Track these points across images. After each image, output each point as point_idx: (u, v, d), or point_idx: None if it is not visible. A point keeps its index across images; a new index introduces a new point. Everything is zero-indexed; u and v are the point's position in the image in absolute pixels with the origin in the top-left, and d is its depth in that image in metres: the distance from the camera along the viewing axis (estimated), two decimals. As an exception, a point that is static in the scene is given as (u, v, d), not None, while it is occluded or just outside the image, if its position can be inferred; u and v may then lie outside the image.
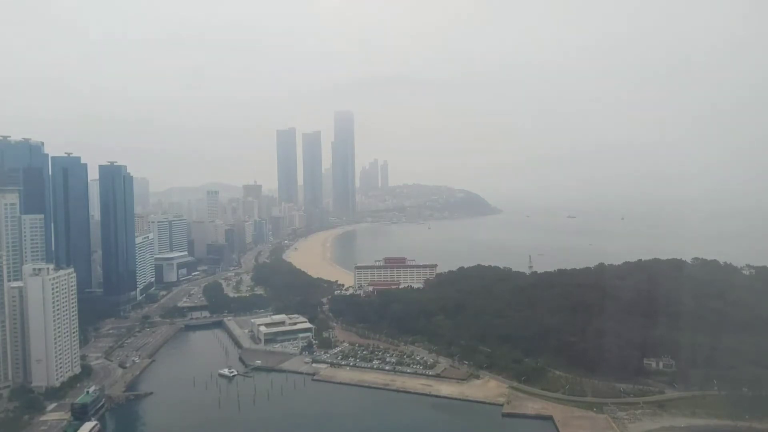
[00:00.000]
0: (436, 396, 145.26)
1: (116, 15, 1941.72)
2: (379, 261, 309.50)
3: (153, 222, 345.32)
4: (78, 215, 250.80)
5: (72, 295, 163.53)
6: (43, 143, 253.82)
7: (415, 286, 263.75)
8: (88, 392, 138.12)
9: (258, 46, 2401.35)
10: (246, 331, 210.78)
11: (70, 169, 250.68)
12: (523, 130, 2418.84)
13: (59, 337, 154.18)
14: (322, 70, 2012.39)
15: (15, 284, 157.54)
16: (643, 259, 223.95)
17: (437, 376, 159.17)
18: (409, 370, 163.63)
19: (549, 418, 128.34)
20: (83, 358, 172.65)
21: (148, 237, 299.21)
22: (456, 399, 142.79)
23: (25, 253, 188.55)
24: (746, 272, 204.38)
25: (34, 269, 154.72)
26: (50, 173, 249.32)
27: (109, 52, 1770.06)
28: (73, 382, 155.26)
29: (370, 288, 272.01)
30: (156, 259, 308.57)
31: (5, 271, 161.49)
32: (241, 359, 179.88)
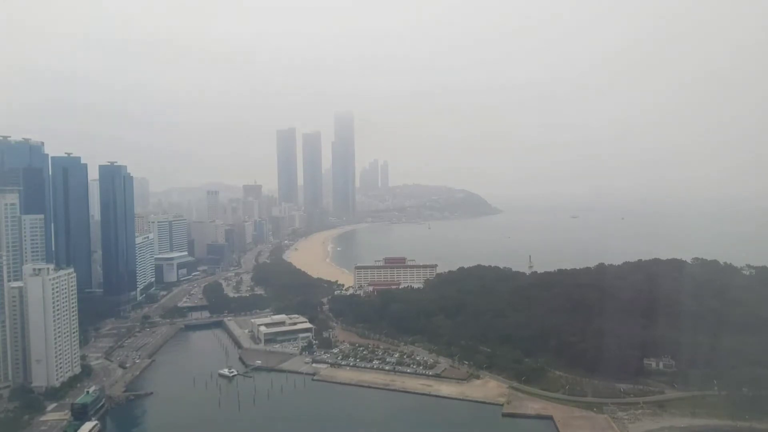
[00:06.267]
0: (436, 396, 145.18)
1: (118, 15, 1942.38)
2: (379, 261, 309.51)
3: (153, 222, 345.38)
4: (78, 215, 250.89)
5: (72, 295, 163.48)
6: (43, 143, 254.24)
7: (415, 286, 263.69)
8: (88, 392, 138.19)
9: (259, 45, 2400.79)
10: (246, 331, 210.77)
11: (70, 169, 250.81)
12: (523, 127, 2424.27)
13: (59, 337, 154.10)
14: (322, 71, 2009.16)
15: (15, 284, 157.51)
16: (643, 259, 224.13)
17: (437, 376, 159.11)
18: (409, 370, 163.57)
19: (549, 418, 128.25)
20: (83, 358, 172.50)
21: (148, 237, 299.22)
22: (456, 399, 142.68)
23: (25, 253, 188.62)
24: (746, 272, 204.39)
25: (34, 269, 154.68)
26: (50, 173, 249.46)
27: (109, 53, 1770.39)
28: (73, 382, 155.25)
29: (370, 288, 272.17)
30: (156, 259, 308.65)
31: (5, 271, 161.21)
32: (241, 359, 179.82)
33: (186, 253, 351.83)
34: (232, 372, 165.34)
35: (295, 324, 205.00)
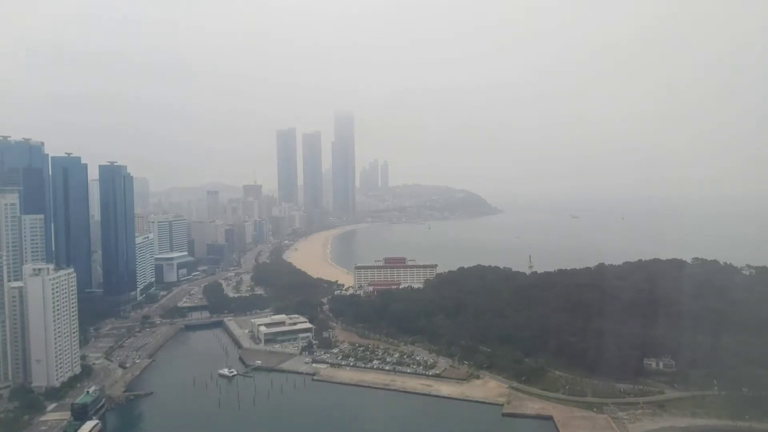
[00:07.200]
0: (436, 396, 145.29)
1: (115, 12, 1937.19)
2: (379, 261, 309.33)
3: (153, 222, 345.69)
4: (78, 215, 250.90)
5: (72, 295, 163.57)
6: (43, 143, 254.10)
7: (415, 286, 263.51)
8: (88, 392, 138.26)
9: (258, 45, 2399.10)
10: (246, 331, 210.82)
11: (70, 169, 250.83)
12: (523, 125, 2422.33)
13: (59, 337, 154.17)
14: (322, 71, 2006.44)
15: (15, 284, 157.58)
16: (643, 259, 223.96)
17: (437, 376, 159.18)
18: (409, 370, 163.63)
19: (549, 418, 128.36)
20: (83, 358, 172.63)
21: (148, 237, 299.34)
22: (456, 399, 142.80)
23: (25, 253, 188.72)
24: (746, 272, 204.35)
25: (34, 269, 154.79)
26: (50, 173, 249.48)
27: (108, 52, 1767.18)
28: (73, 382, 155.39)
29: (370, 288, 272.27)
30: (156, 259, 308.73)
31: (5, 271, 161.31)
32: (241, 359, 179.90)
33: (186, 253, 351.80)
34: (232, 372, 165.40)
35: (295, 324, 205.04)
